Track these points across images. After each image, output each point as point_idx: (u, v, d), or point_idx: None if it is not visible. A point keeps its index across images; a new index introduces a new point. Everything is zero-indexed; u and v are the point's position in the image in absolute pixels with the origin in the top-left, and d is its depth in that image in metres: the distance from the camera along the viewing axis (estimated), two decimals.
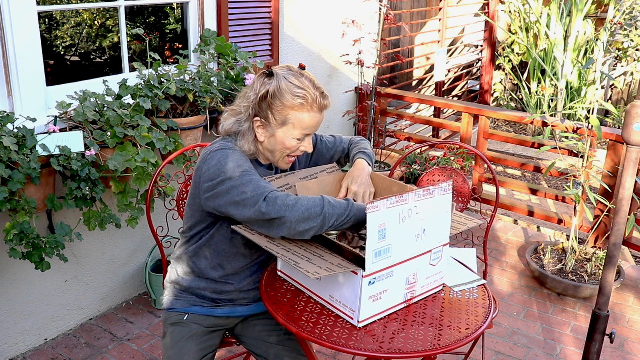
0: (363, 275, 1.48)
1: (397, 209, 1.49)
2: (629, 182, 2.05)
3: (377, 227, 1.46)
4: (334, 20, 4.07)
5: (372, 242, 1.46)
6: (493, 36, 6.72)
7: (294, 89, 1.64)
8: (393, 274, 1.55)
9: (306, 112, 1.66)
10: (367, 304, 1.53)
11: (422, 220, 1.57)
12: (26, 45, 2.38)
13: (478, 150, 2.71)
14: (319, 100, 1.67)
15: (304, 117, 1.66)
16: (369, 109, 4.15)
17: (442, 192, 1.61)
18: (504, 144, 5.92)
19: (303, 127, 1.67)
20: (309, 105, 1.65)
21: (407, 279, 1.61)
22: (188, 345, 1.78)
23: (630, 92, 6.63)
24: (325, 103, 1.69)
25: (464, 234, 3.13)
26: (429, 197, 1.57)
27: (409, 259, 1.58)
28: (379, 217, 1.45)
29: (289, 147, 1.70)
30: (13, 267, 2.52)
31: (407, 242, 1.56)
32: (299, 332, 1.55)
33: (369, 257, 1.47)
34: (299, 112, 1.65)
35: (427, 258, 1.63)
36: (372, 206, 1.43)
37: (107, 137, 2.40)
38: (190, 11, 3.13)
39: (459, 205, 2.55)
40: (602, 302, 2.14)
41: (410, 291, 1.64)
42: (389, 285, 1.56)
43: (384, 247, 1.49)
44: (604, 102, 4.69)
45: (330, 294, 1.61)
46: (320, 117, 1.70)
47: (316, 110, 1.67)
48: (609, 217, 3.52)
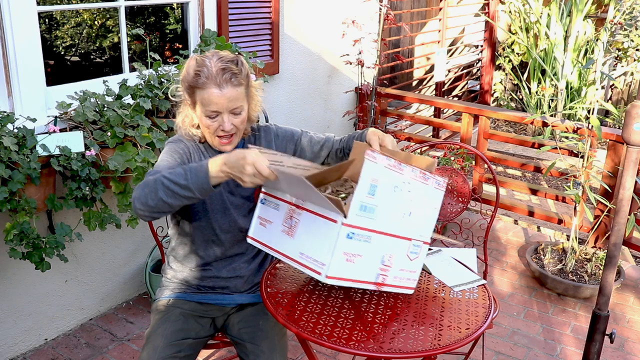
0: (343, 222, 1.41)
1: (393, 174, 1.45)
2: (629, 182, 2.05)
3: (370, 179, 1.40)
4: (334, 20, 4.07)
5: (361, 192, 1.40)
6: (493, 36, 6.72)
7: (195, 67, 1.65)
8: (371, 240, 1.49)
9: (206, 89, 1.63)
10: (339, 258, 1.45)
11: (411, 201, 1.53)
12: (26, 45, 2.38)
13: (478, 150, 2.71)
14: (213, 75, 1.62)
15: (205, 94, 1.64)
16: (369, 109, 4.15)
17: (436, 185, 1.57)
18: (504, 144, 5.92)
19: (207, 104, 1.65)
20: (206, 81, 1.63)
21: (383, 258, 1.55)
22: (164, 325, 1.79)
23: (630, 92, 6.63)
24: (224, 79, 1.62)
25: (464, 234, 3.12)
26: (423, 182, 1.54)
27: (389, 234, 1.53)
28: (374, 171, 1.40)
29: (208, 127, 1.69)
30: (13, 267, 2.52)
31: (393, 215, 1.51)
32: (299, 332, 1.55)
33: (354, 206, 1.40)
34: (201, 89, 1.64)
35: (406, 245, 1.59)
36: (370, 155, 1.38)
37: (107, 137, 2.40)
38: (190, 11, 3.13)
39: (459, 205, 2.55)
40: (602, 302, 2.14)
41: (383, 274, 1.57)
42: (364, 250, 1.49)
43: (370, 204, 1.44)
44: (604, 102, 4.69)
45: (300, 250, 1.53)
46: (222, 94, 1.63)
47: (214, 86, 1.63)
48: (609, 217, 3.52)
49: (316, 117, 4.18)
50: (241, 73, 1.67)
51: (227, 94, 1.64)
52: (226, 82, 1.63)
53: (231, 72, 1.64)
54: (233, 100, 1.66)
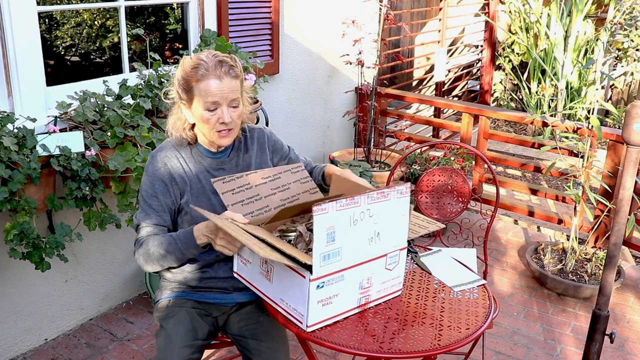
0: (310, 278, 1.43)
1: (348, 211, 1.45)
2: (629, 182, 2.05)
3: (325, 229, 1.41)
4: (334, 20, 4.07)
5: (320, 245, 1.41)
6: (493, 36, 6.72)
7: (192, 63, 1.70)
8: (344, 277, 1.51)
9: (204, 80, 1.67)
10: (315, 308, 1.49)
11: (376, 223, 1.53)
12: (26, 45, 2.38)
13: (478, 150, 2.71)
14: (212, 67, 1.67)
15: (202, 86, 1.68)
16: (369, 109, 4.15)
17: (399, 195, 1.56)
18: (504, 144, 5.92)
19: (206, 96, 1.68)
20: (205, 73, 1.67)
21: (361, 283, 1.57)
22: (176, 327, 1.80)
23: (630, 92, 6.63)
24: (222, 71, 1.68)
25: (464, 234, 3.12)
26: (383, 200, 1.53)
27: (361, 263, 1.54)
28: (327, 220, 1.40)
29: (207, 121, 1.72)
30: (13, 267, 2.52)
31: (359, 245, 1.52)
32: (299, 332, 1.55)
33: (316, 261, 1.42)
34: (200, 82, 1.68)
35: (382, 262, 1.60)
36: (319, 208, 1.38)
37: (107, 137, 2.40)
38: (190, 11, 3.13)
39: (459, 205, 2.55)
40: (602, 302, 2.14)
41: (365, 295, 1.60)
42: (340, 289, 1.52)
43: (333, 250, 1.45)
44: (604, 102, 4.69)
45: (281, 296, 1.58)
46: (222, 84, 1.68)
47: (213, 77, 1.67)
48: (609, 217, 3.52)
49: (316, 117, 4.18)
50: (238, 67, 1.73)
51: (227, 84, 1.69)
52: (225, 73, 1.68)
53: (228, 64, 1.69)
54: (232, 92, 1.70)
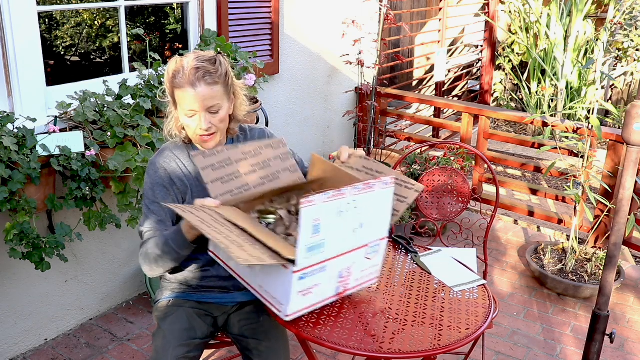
0: (293, 270, 1.42)
1: (334, 203, 1.43)
2: (629, 182, 2.05)
3: (312, 222, 1.39)
4: (334, 20, 4.07)
5: (305, 237, 1.40)
6: (493, 36, 6.72)
7: (174, 68, 1.68)
8: (326, 268, 1.50)
9: (182, 88, 1.66)
10: (296, 298, 1.48)
11: (360, 214, 1.51)
12: (26, 45, 2.38)
13: (478, 150, 2.71)
14: (187, 75, 1.65)
15: (181, 94, 1.67)
16: (369, 109, 4.15)
17: (383, 186, 1.55)
18: (504, 144, 5.92)
19: (184, 103, 1.68)
20: (181, 81, 1.66)
21: (340, 273, 1.56)
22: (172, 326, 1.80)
23: (630, 92, 6.63)
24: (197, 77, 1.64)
25: (464, 234, 3.12)
26: (368, 191, 1.51)
27: (344, 253, 1.53)
28: (314, 212, 1.38)
29: (187, 126, 1.72)
30: (13, 267, 2.52)
31: (343, 236, 1.51)
32: (299, 332, 1.55)
33: (300, 253, 1.40)
34: (178, 89, 1.68)
35: (362, 252, 1.59)
36: (306, 201, 1.36)
37: (107, 137, 2.40)
38: (190, 11, 3.13)
39: (459, 205, 2.55)
40: (602, 302, 2.14)
41: (343, 284, 1.60)
42: (320, 279, 1.51)
43: (317, 242, 1.43)
44: (604, 102, 4.69)
45: (260, 283, 1.57)
46: (197, 92, 1.65)
47: (188, 85, 1.65)
48: (609, 217, 3.52)
49: (316, 117, 4.18)
50: (217, 72, 1.68)
51: (201, 92, 1.65)
52: (199, 80, 1.65)
53: (205, 70, 1.66)
54: (208, 99, 1.67)
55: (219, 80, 1.68)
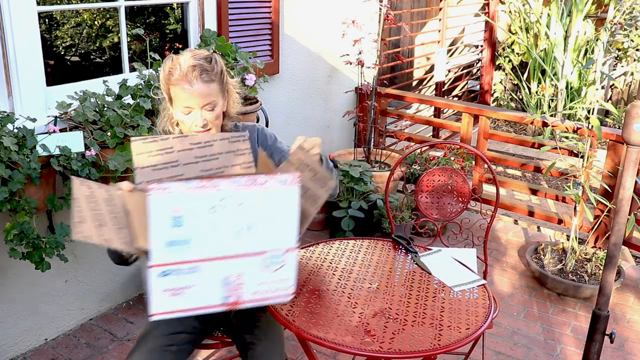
0: (149, 264, 1.30)
1: (203, 195, 1.29)
2: (629, 182, 2.05)
3: (169, 212, 1.27)
4: (334, 20, 4.07)
5: (158, 228, 1.27)
6: (493, 36, 6.72)
7: (170, 65, 1.70)
8: (199, 269, 1.35)
9: (178, 85, 1.68)
10: (161, 296, 1.34)
11: (247, 213, 1.35)
12: (26, 45, 2.38)
13: (478, 150, 2.71)
14: (184, 73, 1.67)
15: (178, 91, 1.69)
16: (369, 109, 4.15)
17: (281, 185, 1.36)
18: (504, 144, 5.92)
19: (180, 100, 1.70)
20: (178, 78, 1.67)
21: (226, 280, 1.39)
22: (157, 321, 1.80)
23: (630, 92, 6.63)
24: (194, 75, 1.67)
25: (464, 234, 3.12)
26: (256, 188, 1.34)
27: (225, 257, 1.37)
28: (171, 201, 1.26)
29: (183, 122, 1.74)
30: (13, 267, 2.52)
31: (221, 236, 1.35)
32: (299, 332, 1.55)
33: (155, 245, 1.28)
34: (174, 86, 1.69)
35: (257, 260, 1.40)
36: (157, 186, 1.24)
37: (107, 137, 2.40)
38: (190, 11, 3.13)
39: (459, 205, 2.55)
40: (602, 302, 2.14)
41: (234, 294, 1.41)
42: (195, 281, 1.35)
43: (180, 237, 1.30)
44: (604, 102, 4.69)
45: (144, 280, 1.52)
46: (193, 90, 1.68)
47: (185, 82, 1.67)
48: (609, 217, 3.52)
49: (316, 117, 4.18)
50: (213, 70, 1.71)
51: (198, 90, 1.68)
52: (196, 78, 1.67)
53: (201, 68, 1.68)
54: (204, 96, 1.70)
55: (215, 78, 1.72)
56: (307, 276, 1.85)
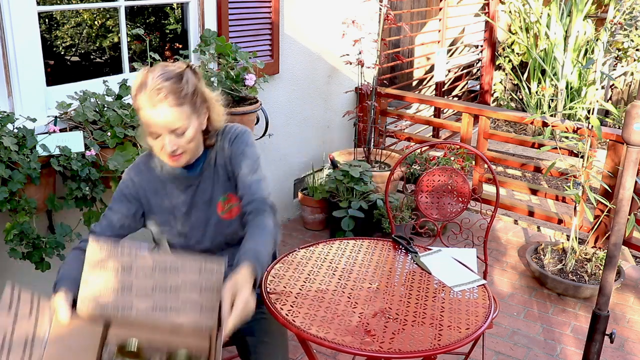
0: None
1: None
2: (629, 182, 2.05)
3: None
4: (334, 20, 4.07)
5: None
6: (493, 36, 6.72)
7: (137, 84, 1.55)
8: None
9: (142, 109, 1.54)
10: None
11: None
12: (26, 45, 2.38)
13: (478, 150, 2.71)
14: (148, 96, 1.51)
15: (143, 114, 1.55)
16: (369, 109, 4.15)
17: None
18: (504, 144, 5.92)
19: (146, 125, 1.56)
20: (143, 100, 1.53)
21: None
22: None
23: (630, 92, 6.63)
24: (158, 99, 1.51)
25: (464, 234, 3.12)
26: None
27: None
28: None
29: (153, 147, 1.61)
30: (13, 267, 2.52)
31: None
32: (299, 332, 1.55)
33: None
34: (140, 109, 1.55)
35: None
36: None
37: (107, 137, 2.40)
38: (190, 11, 3.13)
39: (459, 205, 2.55)
40: (602, 302, 2.14)
41: None
42: None
43: None
44: (604, 102, 4.69)
45: None
46: (158, 114, 1.52)
47: (149, 107, 1.52)
48: (609, 217, 3.52)
49: (316, 117, 4.18)
50: (182, 91, 1.54)
51: (163, 115, 1.53)
52: (160, 102, 1.52)
53: (167, 91, 1.52)
54: (171, 122, 1.54)
55: (184, 101, 1.55)
56: (307, 276, 1.85)
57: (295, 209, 4.17)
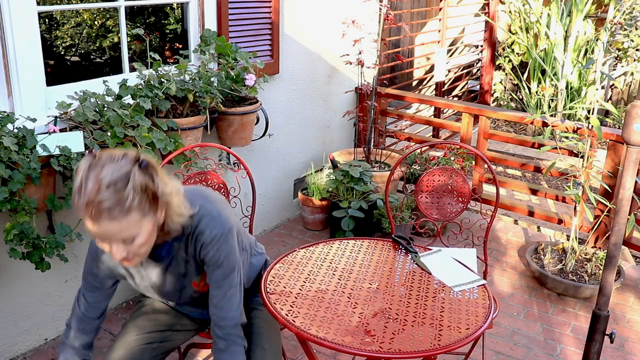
0: None
1: None
2: (629, 182, 2.05)
3: None
4: (334, 20, 4.07)
5: None
6: (493, 36, 6.72)
7: (77, 184, 1.33)
8: None
9: (83, 218, 1.34)
10: None
11: None
12: (26, 45, 2.38)
13: (478, 150, 2.71)
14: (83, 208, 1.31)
15: (85, 223, 1.34)
16: (369, 109, 4.15)
17: None
18: (504, 144, 5.92)
19: (91, 233, 1.36)
20: (79, 209, 1.32)
21: None
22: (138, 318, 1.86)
23: (630, 92, 6.63)
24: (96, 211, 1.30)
25: (464, 234, 3.12)
26: None
27: None
28: None
29: (102, 247, 1.42)
30: (13, 267, 2.52)
31: None
32: (299, 332, 1.55)
33: None
34: (80, 216, 1.35)
35: None
36: None
37: (107, 137, 2.40)
38: (190, 11, 3.13)
39: (459, 205, 2.55)
40: (602, 302, 2.14)
41: None
42: None
43: None
44: (604, 102, 4.69)
45: None
46: (99, 227, 1.32)
47: (87, 219, 1.32)
48: (609, 217, 3.52)
49: (316, 117, 4.18)
50: (127, 200, 1.32)
51: (105, 229, 1.34)
52: (100, 217, 1.31)
53: (108, 204, 1.30)
54: (116, 233, 1.35)
55: (130, 209, 1.33)
56: (307, 276, 1.85)
57: (295, 209, 4.17)
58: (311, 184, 3.93)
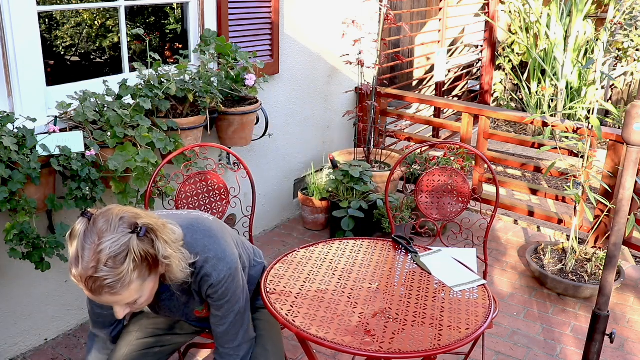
0: None
1: None
2: (629, 182, 2.05)
3: None
4: (334, 20, 4.07)
5: None
6: (493, 36, 6.72)
7: (72, 250, 1.31)
8: None
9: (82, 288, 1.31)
10: None
11: None
12: (26, 45, 2.38)
13: (478, 150, 2.71)
14: (85, 283, 1.28)
15: (85, 293, 1.32)
16: (369, 109, 4.15)
17: None
18: (504, 144, 5.92)
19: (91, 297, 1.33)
20: (77, 279, 1.30)
21: None
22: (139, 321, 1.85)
23: (630, 92, 6.63)
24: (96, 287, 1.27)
25: (464, 234, 3.12)
26: None
27: None
28: None
29: None
30: (13, 267, 2.52)
31: None
32: (299, 332, 1.55)
33: None
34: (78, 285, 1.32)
35: None
36: None
37: (107, 137, 2.40)
38: (190, 11, 3.13)
39: (459, 205, 2.55)
40: (602, 302, 2.14)
41: None
42: None
43: None
44: (604, 102, 4.69)
45: None
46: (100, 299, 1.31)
47: (86, 290, 1.30)
48: (609, 217, 3.52)
49: (316, 117, 4.18)
50: (125, 277, 1.29)
51: (105, 299, 1.33)
52: (99, 290, 1.29)
53: (106, 282, 1.28)
54: (117, 302, 1.35)
55: (131, 282, 1.32)
56: (307, 276, 1.85)
57: (295, 209, 4.17)
58: (311, 184, 3.93)
